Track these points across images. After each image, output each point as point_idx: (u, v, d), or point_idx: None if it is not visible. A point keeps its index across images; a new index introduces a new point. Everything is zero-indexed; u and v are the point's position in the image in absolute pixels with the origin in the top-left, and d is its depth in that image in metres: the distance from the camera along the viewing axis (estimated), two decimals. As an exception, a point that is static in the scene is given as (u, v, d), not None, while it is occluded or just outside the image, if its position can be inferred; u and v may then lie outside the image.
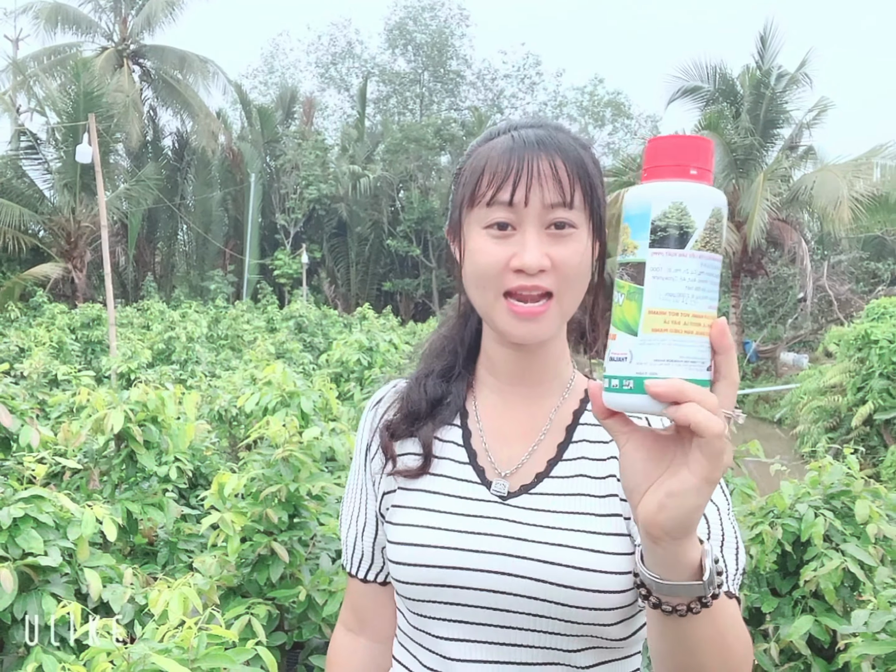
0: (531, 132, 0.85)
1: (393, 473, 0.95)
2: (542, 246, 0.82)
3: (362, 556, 1.01)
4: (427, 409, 0.96)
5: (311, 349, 12.85)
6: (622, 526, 0.84)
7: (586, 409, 0.92)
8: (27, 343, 9.42)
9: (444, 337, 1.01)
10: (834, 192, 14.12)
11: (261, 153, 27.19)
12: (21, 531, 2.07)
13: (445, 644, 0.88)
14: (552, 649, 0.84)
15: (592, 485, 0.86)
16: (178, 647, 1.42)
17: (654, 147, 0.61)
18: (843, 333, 9.08)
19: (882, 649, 1.86)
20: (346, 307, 25.79)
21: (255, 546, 2.35)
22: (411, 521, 0.90)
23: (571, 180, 0.83)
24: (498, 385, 0.95)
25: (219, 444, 4.52)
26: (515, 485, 0.89)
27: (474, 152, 0.89)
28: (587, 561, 0.81)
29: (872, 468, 7.52)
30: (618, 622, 0.83)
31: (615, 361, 0.60)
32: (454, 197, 0.92)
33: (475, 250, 0.85)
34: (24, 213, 18.05)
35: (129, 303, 21.60)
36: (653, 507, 0.59)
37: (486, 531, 0.86)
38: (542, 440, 0.91)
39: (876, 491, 2.53)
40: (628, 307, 0.60)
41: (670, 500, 0.59)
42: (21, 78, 21.39)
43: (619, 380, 0.59)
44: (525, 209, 0.82)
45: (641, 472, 0.61)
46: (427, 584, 0.87)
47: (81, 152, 10.67)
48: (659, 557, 0.63)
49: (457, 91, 34.34)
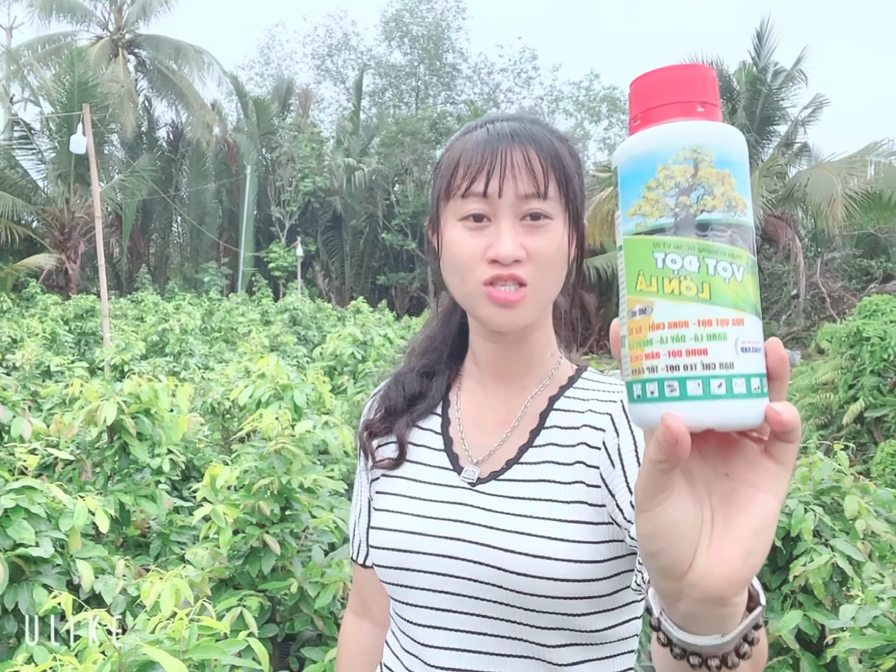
0: (506, 125, 0.86)
1: (373, 468, 0.99)
2: (516, 237, 0.82)
3: (360, 542, 1.04)
4: (404, 405, 0.99)
5: (305, 342, 12.83)
6: (587, 513, 0.83)
7: (563, 395, 0.92)
8: (20, 334, 9.38)
9: (428, 337, 1.03)
10: (828, 190, 14.16)
11: (257, 145, 27.09)
12: (12, 522, 2.06)
13: (418, 630, 0.89)
14: (523, 641, 0.84)
15: (559, 471, 0.86)
16: (169, 639, 1.43)
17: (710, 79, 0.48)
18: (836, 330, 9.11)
19: (869, 644, 1.88)
20: (340, 300, 25.73)
21: (248, 538, 2.35)
22: (388, 506, 0.93)
23: (545, 171, 0.83)
24: (480, 375, 0.96)
25: (211, 437, 4.52)
26: (486, 471, 0.90)
27: (452, 146, 0.90)
28: (545, 548, 0.80)
29: (862, 465, 7.56)
30: (590, 613, 0.81)
31: (751, 353, 0.43)
32: (432, 190, 0.93)
33: (452, 242, 0.86)
34: (17, 204, 17.95)
35: (122, 294, 21.53)
36: (735, 562, 0.43)
37: (452, 517, 0.87)
38: (516, 426, 0.91)
39: (865, 487, 2.55)
40: (751, 283, 0.45)
41: (758, 540, 0.43)
42: (15, 67, 21.23)
43: (760, 379, 0.43)
44: (499, 200, 0.83)
45: (694, 526, 0.44)
46: (398, 568, 0.89)
47: (76, 142, 10.60)
48: (721, 617, 0.47)
49: (453, 84, 34.27)
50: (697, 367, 0.43)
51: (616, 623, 0.85)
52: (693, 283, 0.43)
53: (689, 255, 0.44)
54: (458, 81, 34.41)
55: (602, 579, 0.81)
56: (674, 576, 0.45)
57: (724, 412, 0.42)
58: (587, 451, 0.85)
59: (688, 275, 0.43)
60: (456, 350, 1.01)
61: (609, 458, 0.83)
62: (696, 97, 0.47)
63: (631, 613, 0.87)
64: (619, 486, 0.80)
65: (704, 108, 0.47)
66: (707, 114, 0.47)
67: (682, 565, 0.44)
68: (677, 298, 0.44)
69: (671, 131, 0.46)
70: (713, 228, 0.44)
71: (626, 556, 0.82)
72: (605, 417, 0.86)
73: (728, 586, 0.44)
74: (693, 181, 0.44)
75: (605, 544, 0.82)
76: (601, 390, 0.91)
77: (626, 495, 0.78)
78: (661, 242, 0.44)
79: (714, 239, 0.44)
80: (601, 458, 0.83)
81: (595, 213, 14.03)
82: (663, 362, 0.44)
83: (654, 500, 0.44)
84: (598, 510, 0.82)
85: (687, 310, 0.43)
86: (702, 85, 0.47)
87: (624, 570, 0.83)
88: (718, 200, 0.44)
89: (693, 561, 0.44)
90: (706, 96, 0.47)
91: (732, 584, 0.44)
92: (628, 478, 0.79)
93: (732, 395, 0.42)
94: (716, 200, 0.44)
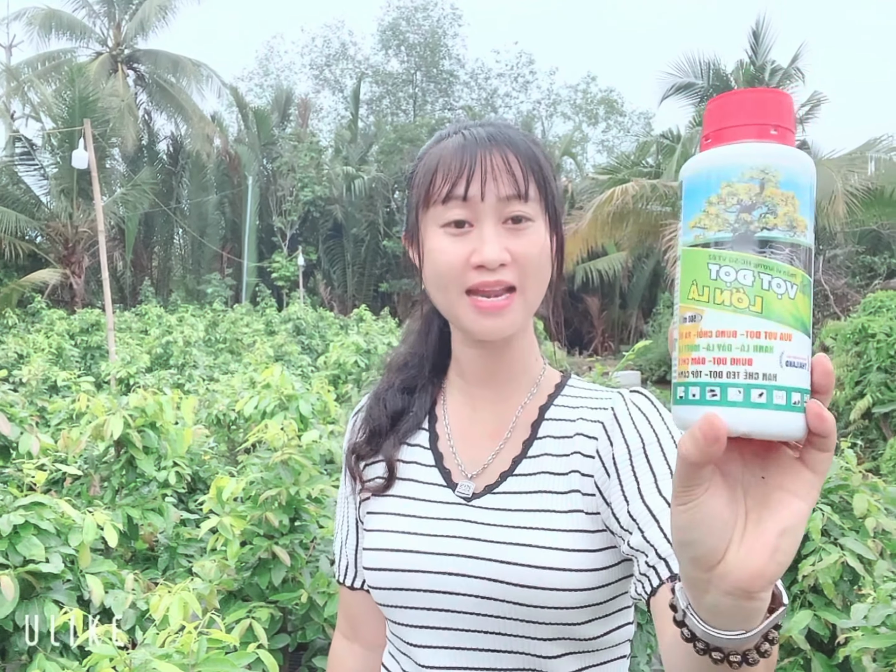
0: (482, 130, 0.86)
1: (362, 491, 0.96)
2: (500, 240, 0.82)
3: (348, 565, 1.01)
4: (388, 423, 0.96)
5: (309, 351, 12.84)
6: (584, 522, 0.82)
7: (553, 403, 0.91)
8: (26, 349, 9.40)
9: (406, 351, 1.00)
10: (828, 187, 14.13)
11: (257, 155, 27.17)
12: (22, 538, 2.07)
13: (417, 651, 0.88)
14: (525, 654, 0.83)
15: (554, 481, 0.85)
16: (178, 652, 1.43)
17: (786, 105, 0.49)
18: (840, 327, 9.09)
19: (882, 643, 1.87)
20: (342, 309, 25.75)
21: (255, 550, 2.35)
22: (380, 526, 0.91)
23: (525, 173, 0.83)
24: (466, 387, 0.94)
25: (217, 448, 4.52)
26: (481, 485, 0.89)
27: (425, 154, 0.89)
28: (545, 559, 0.80)
29: (872, 461, 7.53)
30: (589, 620, 0.82)
31: (796, 368, 0.45)
32: (409, 201, 0.92)
33: (433, 250, 0.84)
34: (20, 220, 18.01)
35: (127, 307, 21.58)
36: (762, 557, 0.46)
37: (448, 533, 0.86)
38: (508, 438, 0.90)
39: (874, 485, 2.54)
40: (803, 302, 0.47)
41: (785, 539, 0.46)
42: (15, 84, 21.35)
43: (801, 393, 0.45)
44: (481, 204, 0.82)
45: (727, 522, 0.47)
46: (394, 589, 0.87)
47: (77, 158, 10.66)
48: (747, 611, 0.49)
49: (450, 91, 34.33)
50: (741, 375, 0.45)
51: (610, 629, 0.85)
52: (745, 296, 0.46)
53: (743, 269, 0.46)
54: (456, 87, 34.49)
55: (601, 587, 0.81)
56: (705, 566, 0.47)
57: (762, 421, 0.45)
58: (581, 459, 0.85)
59: (741, 287, 0.46)
60: (438, 362, 0.98)
61: (604, 468, 0.82)
62: (769, 120, 0.49)
63: (624, 619, 0.87)
64: (615, 495, 0.79)
65: (778, 131, 0.48)
66: (779, 137, 0.48)
67: (714, 557, 0.47)
68: (727, 309, 0.46)
69: (738, 151, 0.48)
70: (772, 246, 0.46)
71: (621, 563, 0.83)
72: (597, 426, 0.86)
73: (755, 580, 0.46)
74: (756, 199, 0.46)
75: (603, 552, 0.82)
76: (590, 398, 0.90)
77: (622, 504, 0.78)
78: (717, 255, 0.46)
79: (772, 256, 0.46)
80: (595, 467, 0.83)
81: (596, 215, 14.01)
82: (708, 368, 0.46)
83: (690, 493, 0.45)
84: (594, 518, 0.82)
85: (736, 320, 0.45)
86: (775, 109, 0.49)
87: (620, 578, 0.83)
88: (780, 220, 0.46)
89: (725, 554, 0.46)
90: (780, 120, 0.49)
91: (760, 578, 0.46)
92: (624, 487, 0.79)
93: (772, 406, 0.44)
94: (777, 219, 0.46)
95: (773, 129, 0.48)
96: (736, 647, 0.52)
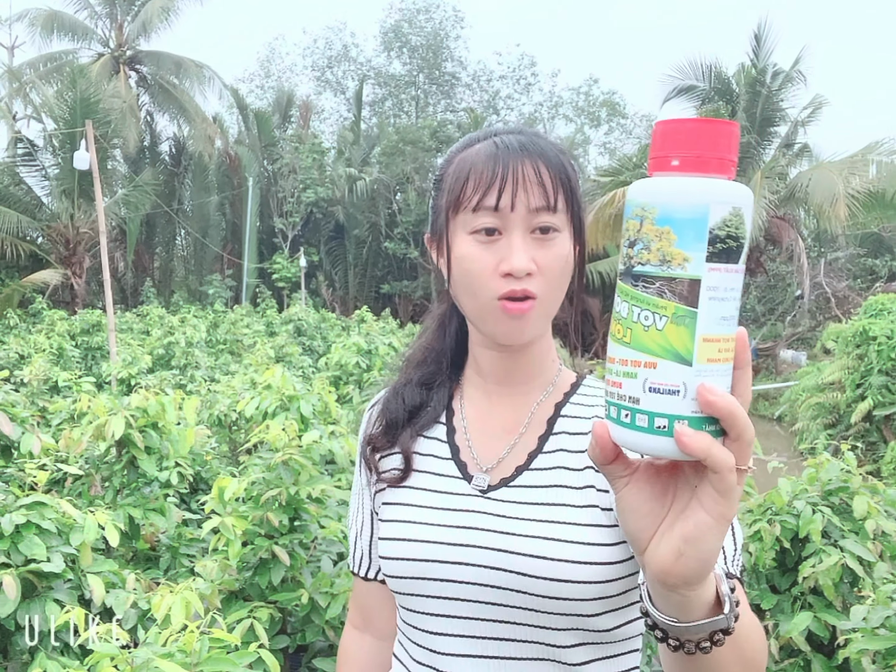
0: (513, 138, 0.86)
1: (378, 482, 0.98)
2: (528, 250, 0.83)
3: (362, 555, 1.03)
4: (405, 417, 0.98)
5: (310, 353, 12.85)
6: (600, 517, 0.84)
7: (569, 401, 0.93)
8: (27, 350, 9.42)
9: (424, 347, 1.02)
10: (830, 190, 14.13)
11: (258, 157, 27.20)
12: (24, 538, 2.07)
13: (433, 638, 0.90)
14: (541, 644, 0.85)
15: (571, 476, 0.87)
16: (180, 651, 1.43)
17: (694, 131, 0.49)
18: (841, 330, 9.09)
19: (882, 644, 1.87)
20: (344, 310, 25.77)
21: (257, 550, 2.35)
22: (396, 516, 0.93)
23: (555, 184, 0.84)
24: (483, 384, 0.96)
25: (219, 449, 4.53)
26: (496, 478, 0.90)
27: (455, 158, 0.90)
28: (564, 552, 0.82)
29: (873, 464, 7.53)
30: (603, 612, 0.83)
31: (660, 395, 0.49)
32: (435, 203, 0.93)
33: (463, 256, 0.86)
34: (22, 220, 18.04)
35: (128, 308, 21.60)
36: (668, 557, 0.52)
37: (465, 524, 0.88)
38: (524, 433, 0.92)
39: (874, 487, 2.54)
40: (674, 332, 0.49)
41: (689, 546, 0.51)
42: (17, 85, 21.38)
43: (668, 419, 0.49)
44: (511, 214, 0.83)
45: (647, 516, 0.53)
46: (411, 578, 0.89)
47: (79, 159, 10.69)
48: (675, 602, 0.56)
49: (452, 93, 34.33)
50: (615, 396, 0.52)
51: (624, 622, 0.87)
52: (622, 327, 0.51)
53: (624, 302, 0.51)
54: (458, 90, 34.47)
55: (615, 580, 0.83)
56: (637, 550, 0.55)
57: (631, 439, 0.51)
58: None
59: (620, 319, 0.52)
60: (456, 359, 1.00)
61: None
62: (669, 151, 0.50)
63: (636, 613, 0.88)
64: None
65: (680, 160, 0.50)
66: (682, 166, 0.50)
67: (639, 544, 0.54)
68: (613, 338, 0.53)
69: (631, 189, 0.52)
70: (643, 279, 0.50)
71: (634, 558, 0.84)
72: None
73: (665, 576, 0.53)
74: (637, 236, 0.51)
75: (617, 546, 0.83)
76: None
77: None
78: (618, 287, 0.52)
79: (644, 290, 0.50)
80: None
81: (597, 217, 14.03)
82: (607, 388, 0.53)
83: (613, 484, 0.55)
84: (609, 514, 0.84)
85: (616, 349, 0.52)
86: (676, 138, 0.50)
87: (633, 572, 0.85)
88: (653, 255, 0.50)
89: (648, 544, 0.54)
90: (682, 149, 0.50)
91: (668, 575, 0.52)
92: None
93: (635, 427, 0.50)
94: (650, 255, 0.50)
95: (675, 160, 0.50)
96: (679, 635, 0.58)
